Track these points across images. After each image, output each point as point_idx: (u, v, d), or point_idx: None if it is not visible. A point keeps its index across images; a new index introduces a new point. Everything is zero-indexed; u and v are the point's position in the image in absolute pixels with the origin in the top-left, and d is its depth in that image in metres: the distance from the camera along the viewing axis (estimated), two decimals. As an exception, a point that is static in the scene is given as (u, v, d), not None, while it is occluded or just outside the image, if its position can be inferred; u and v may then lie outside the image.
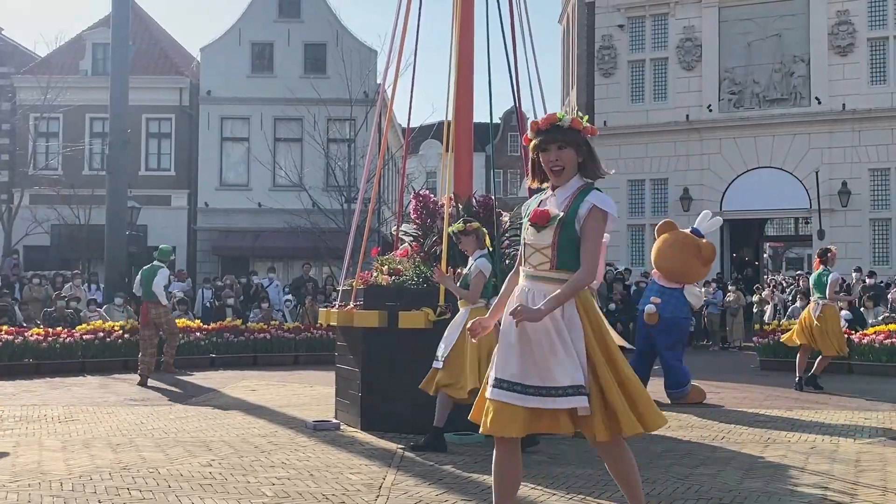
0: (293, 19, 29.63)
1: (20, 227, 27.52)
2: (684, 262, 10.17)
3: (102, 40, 28.51)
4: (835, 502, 5.05)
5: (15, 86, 29.78)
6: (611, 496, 5.16)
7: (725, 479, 5.67)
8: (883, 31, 23.65)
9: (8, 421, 8.21)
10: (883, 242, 23.21)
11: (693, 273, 10.39)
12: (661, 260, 10.38)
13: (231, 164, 29.74)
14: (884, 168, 23.27)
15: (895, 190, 23.07)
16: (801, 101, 24.20)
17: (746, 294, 21.49)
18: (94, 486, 5.33)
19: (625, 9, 25.85)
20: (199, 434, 7.49)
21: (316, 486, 5.41)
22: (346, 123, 28.19)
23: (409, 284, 7.76)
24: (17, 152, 29.16)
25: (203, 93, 29.64)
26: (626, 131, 25.55)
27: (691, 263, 10.19)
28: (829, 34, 23.83)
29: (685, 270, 10.26)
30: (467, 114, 8.66)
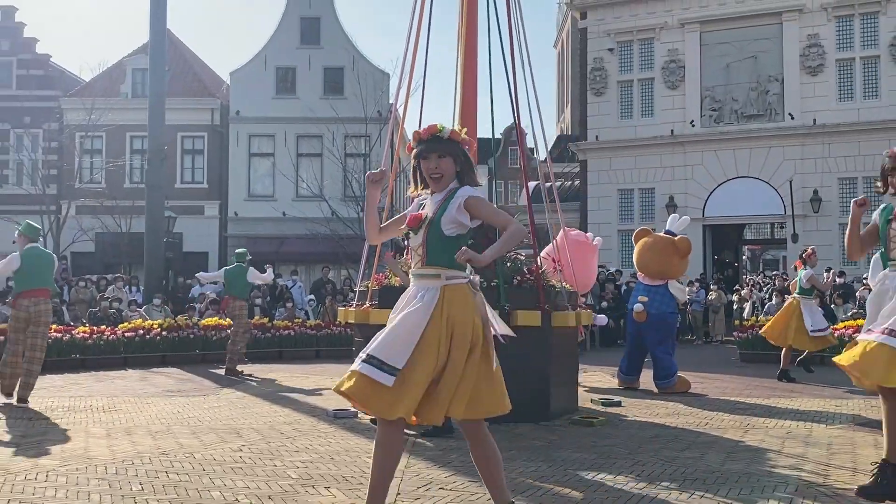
0: (314, 46, 29.71)
1: (67, 235, 27.61)
2: (663, 260, 10.27)
3: (141, 66, 28.61)
4: (809, 482, 5.02)
5: (62, 107, 29.89)
6: (605, 477, 5.15)
7: (709, 462, 5.66)
8: (850, 53, 23.60)
9: (57, 411, 8.24)
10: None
11: (674, 268, 10.43)
12: (643, 261, 10.47)
13: (258, 177, 29.83)
14: (851, 177, 23.24)
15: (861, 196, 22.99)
16: (775, 117, 24.17)
17: (727, 293, 21.49)
18: (136, 470, 5.33)
19: (614, 34, 25.84)
20: (230, 422, 7.51)
21: (336, 469, 5.41)
22: (362, 140, 28.21)
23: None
24: (65, 168, 29.25)
25: (232, 113, 29.73)
26: (616, 145, 25.55)
27: (670, 259, 10.28)
28: (801, 56, 23.81)
29: (666, 267, 10.33)
30: (471, 130, 8.66)
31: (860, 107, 23.34)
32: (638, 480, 5.07)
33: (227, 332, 14.77)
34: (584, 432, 6.90)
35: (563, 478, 5.17)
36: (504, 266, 7.76)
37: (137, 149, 29.08)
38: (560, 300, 7.93)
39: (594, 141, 25.99)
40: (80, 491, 4.78)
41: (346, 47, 29.73)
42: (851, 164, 23.19)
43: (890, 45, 23.07)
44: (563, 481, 5.08)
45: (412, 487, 4.90)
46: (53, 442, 6.43)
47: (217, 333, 14.66)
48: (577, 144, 26.96)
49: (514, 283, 7.75)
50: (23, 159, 29.43)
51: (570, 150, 27.91)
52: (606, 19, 25.99)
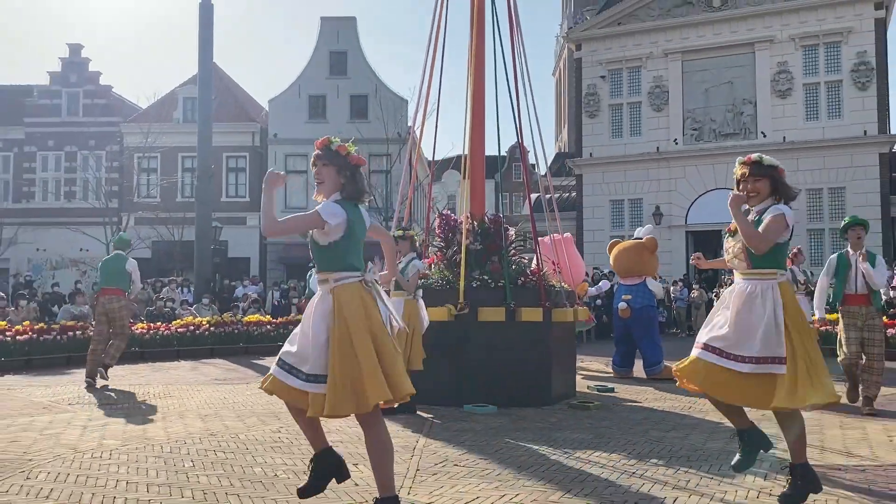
0: (341, 77, 29.82)
1: (127, 243, 27.79)
2: (637, 258, 10.40)
3: (191, 95, 28.80)
4: (781, 459, 4.98)
5: (122, 132, 30.12)
6: (600, 455, 5.13)
7: (692, 441, 5.63)
8: (815, 78, 23.49)
9: (119, 397, 8.29)
10: (818, 248, 23.03)
11: (647, 264, 10.49)
12: (620, 264, 10.59)
13: (293, 191, 29.90)
14: (817, 188, 23.14)
15: (826, 206, 22.96)
16: (749, 135, 24.08)
17: (708, 291, 21.38)
18: (188, 449, 5.36)
19: (605, 63, 25.83)
20: (270, 406, 7.51)
21: (363, 448, 5.36)
22: (384, 158, 28.31)
23: (434, 286, 7.77)
24: (125, 184, 29.47)
25: (270, 135, 29.88)
26: (608, 161, 25.50)
27: (642, 257, 10.41)
28: (772, 81, 23.73)
29: (641, 264, 10.43)
30: (480, 148, 8.67)
31: (825, 125, 23.22)
32: (629, 458, 5.06)
33: (266, 328, 14.85)
34: (581, 415, 6.88)
35: (563, 455, 5.16)
36: (510, 268, 7.77)
37: (188, 168, 29.26)
38: (559, 298, 7.92)
39: (589, 157, 25.95)
40: (140, 467, 4.81)
41: (369, 77, 29.82)
42: (817, 176, 23.10)
43: (851, 70, 22.95)
44: (563, 458, 5.07)
45: (429, 464, 4.90)
46: (116, 424, 6.47)
47: (258, 329, 14.69)
48: (573, 161, 26.94)
49: (519, 283, 7.75)
50: (88, 177, 29.66)
51: (568, 166, 27.89)
52: (599, 51, 25.98)
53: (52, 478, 4.53)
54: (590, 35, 26.12)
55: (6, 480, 4.45)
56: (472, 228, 8.00)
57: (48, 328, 12.47)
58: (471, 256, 7.78)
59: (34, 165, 30.34)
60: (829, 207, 22.98)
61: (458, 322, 7.33)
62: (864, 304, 6.91)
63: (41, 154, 30.32)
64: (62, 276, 26.25)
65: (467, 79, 8.63)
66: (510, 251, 8.17)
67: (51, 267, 28.27)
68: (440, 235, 8.39)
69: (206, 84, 20.21)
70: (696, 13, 24.72)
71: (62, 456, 5.11)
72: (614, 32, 25.71)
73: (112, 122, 30.36)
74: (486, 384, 7.30)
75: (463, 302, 7.35)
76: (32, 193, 30.10)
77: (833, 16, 23.35)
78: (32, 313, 15.04)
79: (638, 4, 25.40)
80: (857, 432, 6.00)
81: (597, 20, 26.19)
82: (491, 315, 7.40)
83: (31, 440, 5.66)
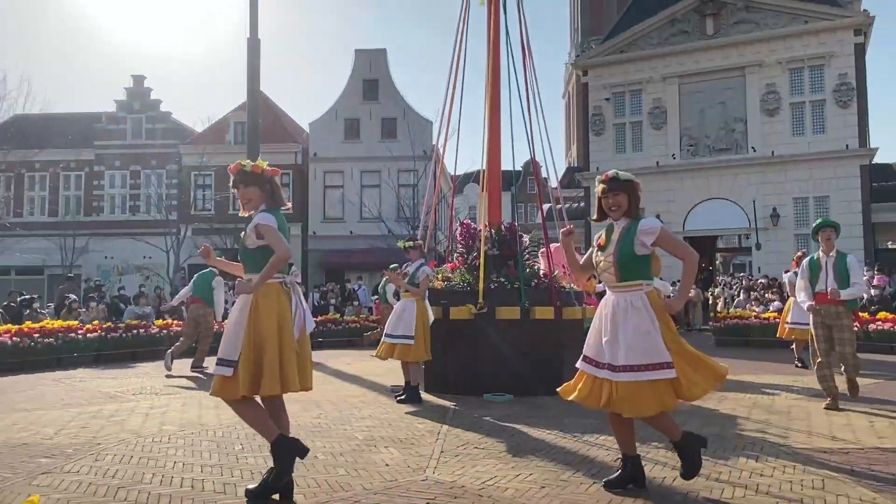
0: (373, 101, 29.94)
1: (185, 251, 28.12)
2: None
3: (240, 119, 29.08)
4: (772, 443, 4.92)
5: (181, 153, 30.46)
6: (606, 438, 5.08)
7: (690, 426, 5.52)
8: (801, 98, 23.16)
9: (177, 388, 8.37)
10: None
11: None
12: None
13: (331, 204, 30.09)
14: (803, 197, 22.82)
15: (811, 213, 22.60)
16: (740, 150, 23.80)
17: (704, 290, 21.15)
18: (237, 434, 5.39)
19: (610, 87, 25.68)
20: (310, 395, 7.44)
21: (393, 432, 5.42)
22: (411, 174, 28.35)
23: (457, 287, 7.76)
24: (183, 199, 29.80)
25: (311, 154, 30.05)
26: (612, 174, 25.32)
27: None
28: (761, 101, 23.44)
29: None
30: (497, 164, 8.66)
31: (810, 140, 22.90)
32: (633, 441, 5.00)
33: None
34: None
35: (572, 439, 5.13)
36: (524, 272, 7.74)
37: (238, 184, 29.53)
38: (569, 298, 7.87)
39: (595, 171, 25.72)
40: (195, 450, 4.84)
41: (398, 102, 29.91)
42: (803, 186, 22.80)
43: (833, 90, 22.62)
44: (573, 442, 5.04)
45: (452, 447, 4.88)
46: (174, 411, 6.53)
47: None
48: (582, 174, 26.80)
49: (532, 285, 7.72)
50: (151, 193, 30.04)
51: (577, 179, 27.75)
52: (603, 76, 25.84)
53: (118, 459, 4.58)
54: (595, 62, 25.99)
55: (78, 462, 4.51)
56: (490, 236, 7.99)
57: (115, 327, 12.62)
58: (489, 261, 7.76)
59: (103, 183, 30.81)
60: (815, 214, 22.58)
61: (477, 320, 7.33)
62: (834, 303, 6.29)
63: (109, 173, 30.77)
64: (128, 281, 26.61)
65: (485, 102, 8.64)
66: (525, 256, 8.15)
67: (118, 273, 28.66)
68: (462, 242, 8.39)
69: (254, 110, 20.35)
70: (692, 41, 24.51)
71: (126, 440, 5.17)
72: (618, 59, 25.56)
73: (171, 144, 30.73)
74: (504, 375, 7.28)
75: (482, 302, 7.35)
76: (101, 208, 30.56)
77: (816, 41, 23.05)
78: (101, 314, 15.23)
79: (639, 34, 25.25)
80: (841, 418, 5.90)
81: (602, 48, 26.06)
82: (507, 313, 7.38)
83: (99, 426, 5.73)
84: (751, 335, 13.79)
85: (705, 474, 4.05)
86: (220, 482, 4.01)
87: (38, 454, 4.71)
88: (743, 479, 3.98)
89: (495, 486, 3.88)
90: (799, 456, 4.50)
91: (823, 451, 4.68)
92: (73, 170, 30.95)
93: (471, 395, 7.14)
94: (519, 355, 7.36)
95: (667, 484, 3.90)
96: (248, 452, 4.74)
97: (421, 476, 4.12)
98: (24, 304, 14.82)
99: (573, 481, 3.97)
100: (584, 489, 3.83)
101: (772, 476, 4.03)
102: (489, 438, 5.16)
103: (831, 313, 6.36)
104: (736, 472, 4.15)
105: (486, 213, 8.37)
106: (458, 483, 3.96)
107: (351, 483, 3.97)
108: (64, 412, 6.44)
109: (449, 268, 8.38)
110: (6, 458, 4.58)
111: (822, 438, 5.08)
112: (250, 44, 13.26)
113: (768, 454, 4.55)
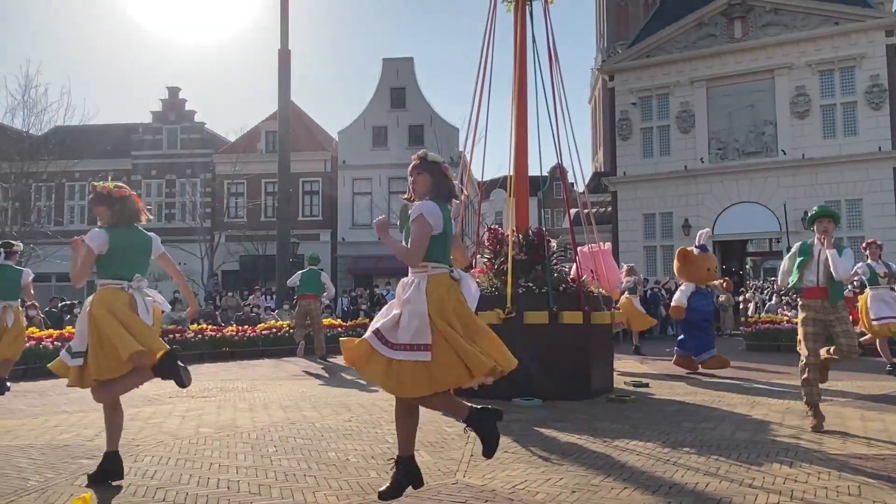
0: (400, 109, 30.11)
1: (219, 257, 28.54)
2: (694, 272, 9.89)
3: (272, 129, 29.46)
4: (806, 448, 4.82)
5: (214, 162, 30.96)
6: (636, 444, 5.03)
7: (722, 432, 5.47)
8: (831, 100, 22.74)
9: (212, 391, 8.46)
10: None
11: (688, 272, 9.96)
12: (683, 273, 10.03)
13: (360, 210, 30.28)
14: (835, 200, 22.31)
15: (843, 216, 22.10)
16: (770, 153, 23.42)
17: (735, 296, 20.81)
18: (271, 436, 5.44)
19: (636, 91, 25.47)
20: (342, 399, 7.59)
21: (423, 436, 5.40)
22: (439, 180, 28.39)
23: (485, 292, 7.74)
24: (216, 207, 30.25)
25: (340, 162, 30.30)
26: (640, 179, 25.09)
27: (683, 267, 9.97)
28: (791, 103, 23.06)
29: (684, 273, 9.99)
30: (524, 169, 8.64)
31: (841, 143, 22.45)
32: (664, 446, 4.94)
33: (337, 329, 14.98)
34: (618, 408, 6.75)
35: (602, 444, 5.07)
36: (552, 276, 7.70)
37: (270, 192, 29.88)
38: (597, 303, 7.81)
39: (622, 176, 25.59)
40: (230, 452, 4.89)
41: (425, 109, 30.02)
42: (835, 189, 22.34)
43: (865, 92, 22.17)
44: (603, 447, 4.99)
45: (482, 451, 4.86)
46: (210, 414, 6.60)
47: (330, 331, 14.80)
48: (609, 179, 26.59)
49: (560, 289, 7.68)
50: (185, 201, 30.54)
51: (604, 184, 27.55)
52: (630, 80, 25.63)
53: (156, 461, 4.65)
54: (622, 67, 25.80)
55: (118, 462, 4.58)
56: (517, 241, 7.96)
57: (152, 331, 12.80)
58: (517, 266, 7.73)
59: (140, 192, 31.31)
60: (847, 218, 22.14)
61: (506, 325, 7.29)
62: (824, 297, 5.57)
63: (145, 182, 31.37)
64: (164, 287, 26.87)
65: (512, 108, 8.63)
66: (552, 261, 8.10)
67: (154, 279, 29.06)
68: (489, 247, 8.37)
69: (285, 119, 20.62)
70: (719, 44, 24.20)
71: (164, 442, 5.24)
72: (644, 64, 25.35)
73: (205, 154, 31.22)
74: (532, 380, 7.22)
75: (510, 307, 7.31)
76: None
77: (847, 43, 22.61)
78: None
79: (666, 38, 25.01)
80: (877, 424, 5.75)
81: (628, 53, 25.87)
82: (536, 318, 7.34)
83: (137, 428, 5.82)
84: (782, 340, 13.54)
85: (738, 480, 3.99)
86: (255, 483, 4.05)
87: (79, 455, 4.80)
88: (777, 485, 3.90)
89: (526, 491, 3.86)
90: (834, 462, 4.40)
91: (859, 456, 4.57)
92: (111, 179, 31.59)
93: (499, 399, 7.09)
94: (547, 360, 7.31)
95: (699, 489, 3.84)
96: (282, 454, 4.78)
97: (451, 479, 4.11)
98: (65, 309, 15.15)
99: (604, 486, 3.93)
100: (615, 494, 3.79)
101: (806, 482, 3.95)
102: (518, 443, 5.13)
103: (827, 308, 5.57)
104: (770, 477, 4.07)
105: (513, 219, 8.34)
106: (489, 487, 3.94)
107: (382, 486, 3.97)
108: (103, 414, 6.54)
109: (477, 272, 8.37)
110: (50, 459, 4.69)
111: (857, 444, 4.96)
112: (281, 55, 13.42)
113: (802, 460, 4.45)
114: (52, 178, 29.67)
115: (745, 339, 14.50)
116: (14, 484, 4.07)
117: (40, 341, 10.81)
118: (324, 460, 4.62)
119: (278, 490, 3.87)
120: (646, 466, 4.34)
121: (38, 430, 5.81)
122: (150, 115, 32.03)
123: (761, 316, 15.66)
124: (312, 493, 3.85)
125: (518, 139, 8.50)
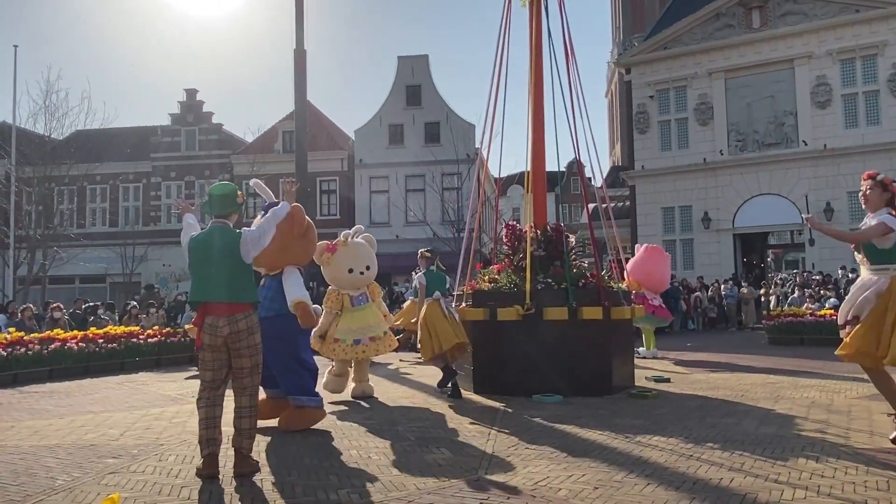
0: (416, 107, 30.08)
1: (238, 257, 28.69)
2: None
3: (288, 129, 29.63)
4: (832, 443, 4.75)
5: (232, 162, 31.14)
6: (658, 439, 5.00)
7: (745, 427, 5.42)
8: (853, 89, 22.41)
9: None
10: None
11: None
12: None
13: (377, 208, 30.32)
14: (858, 191, 21.95)
15: (868, 206, 21.80)
16: (791, 144, 23.14)
17: (756, 289, 20.60)
18: (293, 434, 5.46)
19: (654, 84, 25.27)
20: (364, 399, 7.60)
21: (444, 433, 5.42)
22: (455, 177, 28.39)
23: (503, 289, 7.73)
24: (235, 207, 30.45)
25: (357, 161, 30.35)
26: (658, 172, 24.90)
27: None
28: (811, 93, 22.76)
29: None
30: (541, 165, 8.61)
31: (864, 132, 22.13)
32: (686, 442, 4.90)
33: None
34: (640, 403, 6.71)
35: (623, 440, 5.05)
36: (571, 272, 7.67)
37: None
38: (617, 298, 7.76)
39: (640, 170, 25.41)
40: (260, 450, 4.94)
41: (441, 107, 29.99)
42: (858, 179, 21.72)
43: (888, 80, 21.83)
44: (624, 443, 4.96)
45: (503, 447, 4.87)
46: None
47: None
48: (627, 173, 26.43)
49: (580, 285, 7.65)
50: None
51: (622, 178, 27.37)
52: (647, 73, 25.44)
53: (180, 460, 4.70)
54: (638, 59, 25.61)
55: (143, 462, 4.65)
56: (535, 237, 7.94)
57: (174, 332, 12.95)
58: (535, 262, 7.71)
59: (159, 193, 31.72)
60: (871, 208, 21.82)
61: (525, 321, 7.28)
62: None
63: (165, 184, 31.67)
64: (185, 288, 27.31)
65: (528, 103, 8.59)
66: (571, 256, 8.07)
67: (175, 280, 29.39)
68: (507, 244, 8.36)
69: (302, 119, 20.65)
70: (737, 34, 23.94)
71: (188, 441, 5.29)
72: (661, 56, 25.14)
73: (223, 155, 31.43)
74: (553, 376, 7.21)
75: (529, 303, 7.30)
76: (158, 217, 31.47)
77: (868, 31, 22.26)
78: (161, 319, 15.66)
79: (682, 30, 24.79)
80: (905, 418, 5.65)
81: (644, 46, 25.66)
82: (555, 314, 7.32)
83: (161, 428, 5.89)
84: (806, 333, 13.38)
85: (763, 475, 3.95)
86: (278, 482, 4.08)
87: (105, 454, 4.87)
88: (803, 481, 3.86)
89: (548, 487, 3.85)
90: (861, 456, 4.34)
91: (887, 451, 4.50)
92: (131, 182, 31.94)
93: (520, 395, 7.09)
94: (568, 356, 7.29)
95: (723, 485, 3.81)
96: (305, 452, 4.81)
97: (473, 476, 4.11)
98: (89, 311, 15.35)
99: (627, 482, 3.91)
100: (638, 490, 3.77)
101: (833, 477, 3.90)
102: (540, 439, 5.12)
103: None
104: (796, 472, 4.02)
105: (531, 214, 8.32)
106: (511, 483, 3.94)
107: (405, 483, 4.00)
108: (128, 414, 6.65)
109: (495, 269, 8.35)
110: (76, 459, 4.76)
111: (884, 439, 4.88)
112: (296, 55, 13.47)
113: (829, 454, 4.40)
114: (74, 181, 30.03)
115: (768, 333, 14.35)
116: (42, 483, 4.14)
117: (65, 343, 10.96)
118: (346, 458, 4.64)
119: (301, 488, 3.90)
120: (668, 462, 4.31)
121: (65, 430, 5.89)
122: (169, 118, 32.32)
123: (783, 309, 15.49)
124: (335, 490, 3.87)
125: (535, 135, 8.48)
